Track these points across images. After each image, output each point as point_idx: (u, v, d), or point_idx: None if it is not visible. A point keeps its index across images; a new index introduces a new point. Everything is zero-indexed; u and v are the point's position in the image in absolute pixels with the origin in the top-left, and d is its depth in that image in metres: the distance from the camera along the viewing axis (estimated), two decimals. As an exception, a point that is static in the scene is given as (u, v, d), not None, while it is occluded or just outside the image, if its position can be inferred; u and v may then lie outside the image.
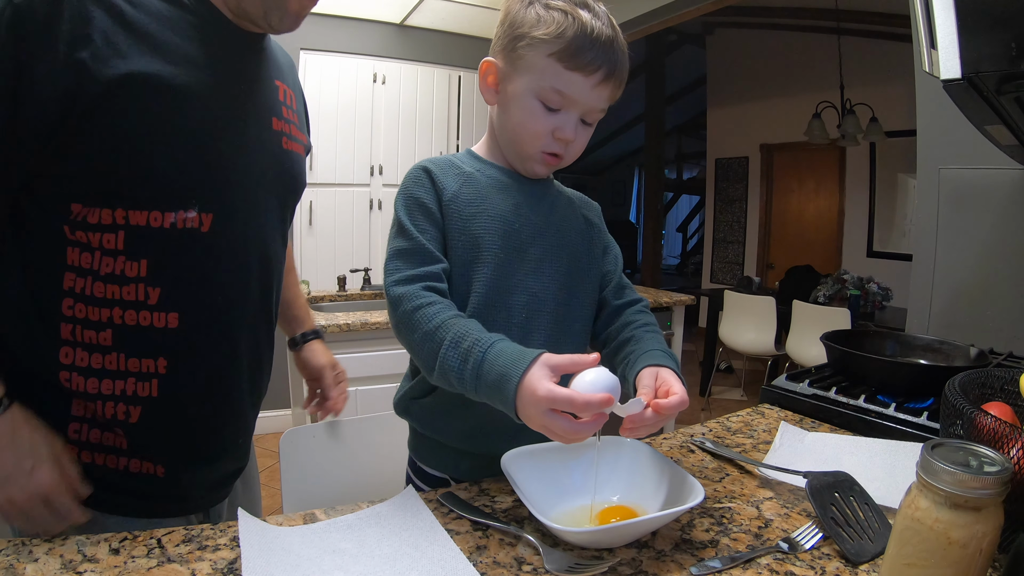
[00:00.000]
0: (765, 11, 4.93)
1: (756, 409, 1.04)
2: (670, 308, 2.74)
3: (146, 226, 0.64)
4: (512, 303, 0.74)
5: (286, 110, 0.79)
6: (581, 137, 0.75)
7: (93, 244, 0.64)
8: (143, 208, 0.64)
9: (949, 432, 0.62)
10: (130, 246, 0.65)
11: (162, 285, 0.67)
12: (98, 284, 0.65)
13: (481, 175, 0.77)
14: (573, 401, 0.56)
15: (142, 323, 0.67)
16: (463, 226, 0.73)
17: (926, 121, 1.44)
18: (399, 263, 0.71)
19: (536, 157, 0.75)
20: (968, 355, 1.05)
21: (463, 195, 0.74)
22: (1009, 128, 0.84)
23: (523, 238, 0.75)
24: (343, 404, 1.07)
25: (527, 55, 0.70)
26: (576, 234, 0.82)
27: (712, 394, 4.30)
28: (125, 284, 0.65)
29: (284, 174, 0.78)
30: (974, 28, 0.59)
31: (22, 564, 0.53)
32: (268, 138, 0.75)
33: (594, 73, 0.69)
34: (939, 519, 0.45)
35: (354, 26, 3.29)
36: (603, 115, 0.76)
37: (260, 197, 0.74)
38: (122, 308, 0.66)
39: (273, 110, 0.77)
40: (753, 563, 0.58)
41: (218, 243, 0.69)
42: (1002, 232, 1.31)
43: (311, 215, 3.28)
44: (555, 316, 0.77)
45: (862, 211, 4.92)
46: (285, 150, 0.78)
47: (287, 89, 0.81)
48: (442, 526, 0.62)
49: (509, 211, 0.75)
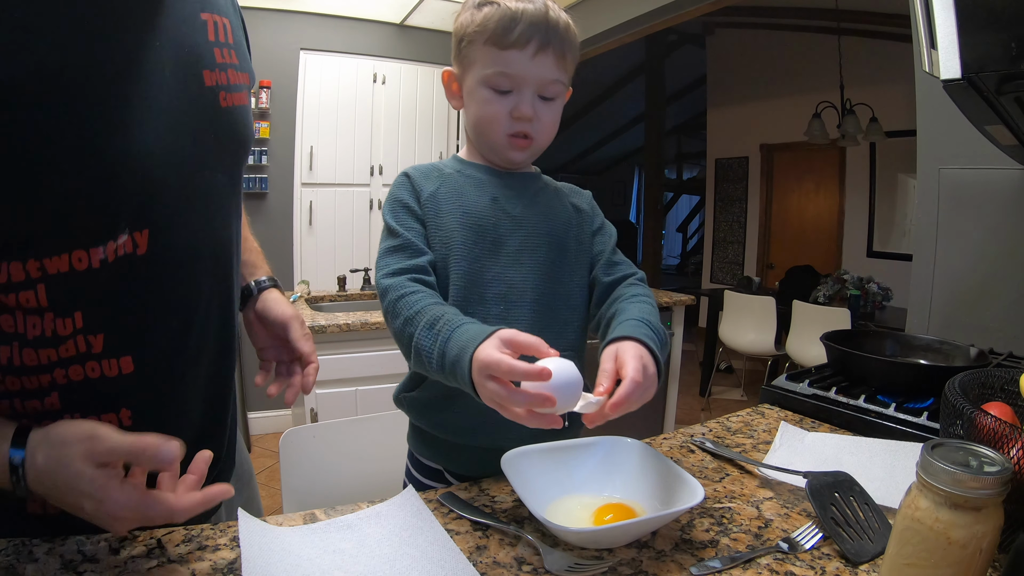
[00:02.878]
0: (765, 11, 4.93)
1: (756, 409, 1.04)
2: (670, 308, 2.74)
3: (69, 271, 0.52)
4: (488, 295, 0.75)
5: (220, 52, 0.63)
6: (545, 114, 0.76)
7: (9, 304, 0.52)
8: (59, 252, 0.51)
9: (949, 432, 0.62)
10: (55, 300, 0.52)
11: (104, 331, 0.56)
12: (27, 351, 0.54)
13: (460, 175, 0.80)
14: (511, 368, 0.55)
15: (90, 375, 0.56)
16: (439, 222, 0.76)
17: (926, 121, 1.44)
18: (388, 259, 0.75)
19: (504, 143, 0.77)
20: (968, 355, 1.05)
21: (440, 194, 0.78)
22: (1009, 128, 0.84)
23: (500, 231, 0.77)
24: (315, 377, 0.80)
25: (470, 52, 0.75)
26: (561, 223, 0.81)
27: (712, 394, 4.30)
28: (61, 343, 0.54)
29: (226, 138, 0.64)
30: (974, 28, 0.59)
31: (22, 564, 0.53)
32: (200, 103, 0.60)
33: (527, 45, 0.72)
34: (939, 519, 0.45)
35: (354, 26, 3.29)
36: (565, 89, 0.77)
37: (202, 182, 0.61)
38: (63, 367, 0.55)
39: (203, 60, 0.60)
40: (753, 563, 0.58)
41: (161, 260, 0.57)
42: (1002, 232, 1.31)
43: (311, 215, 3.29)
44: (536, 306, 0.77)
45: (862, 211, 4.92)
46: (224, 108, 0.63)
47: (218, 19, 0.63)
48: (442, 526, 0.62)
49: (485, 205, 0.77)
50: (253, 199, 3.20)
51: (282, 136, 3.23)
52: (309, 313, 2.21)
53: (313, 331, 2.01)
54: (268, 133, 3.19)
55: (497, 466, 0.70)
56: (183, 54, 0.58)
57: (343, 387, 2.13)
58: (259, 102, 3.15)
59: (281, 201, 3.27)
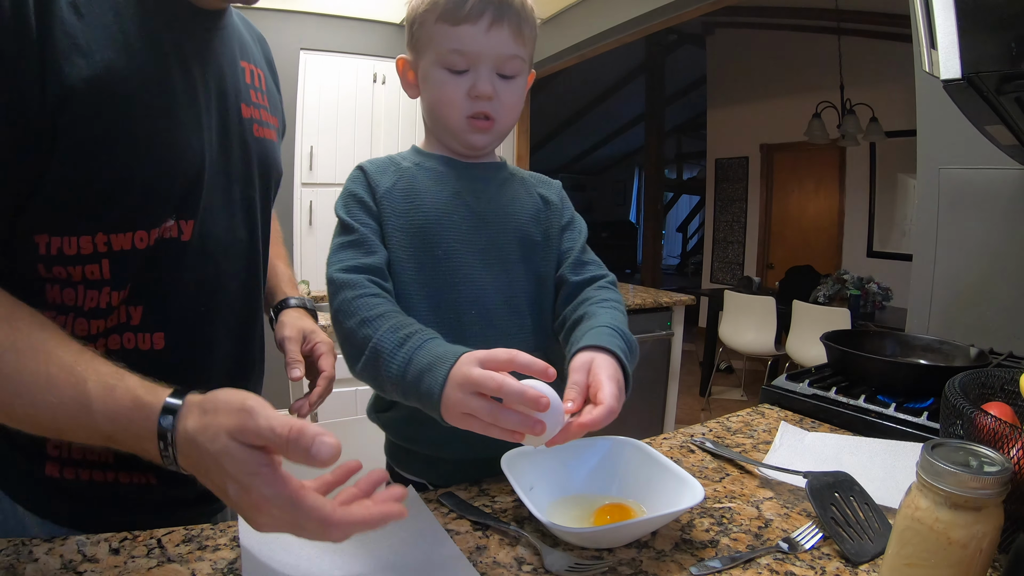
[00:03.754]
0: (765, 11, 4.93)
1: (756, 409, 1.04)
2: (670, 308, 2.74)
3: (131, 249, 0.58)
4: (453, 299, 0.72)
5: (255, 93, 0.74)
6: (506, 92, 0.72)
7: (75, 279, 0.57)
8: (124, 230, 0.57)
9: (949, 432, 0.62)
10: (116, 274, 0.58)
11: (143, 303, 0.61)
12: (80, 321, 0.59)
13: (419, 168, 0.76)
14: (503, 387, 0.52)
15: (126, 346, 0.61)
16: (398, 222, 0.72)
17: (926, 121, 1.44)
18: (342, 255, 0.71)
19: (463, 126, 0.73)
20: (968, 355, 1.05)
21: (398, 189, 0.74)
22: (1009, 128, 0.84)
23: (463, 228, 0.73)
24: (319, 394, 0.82)
25: (422, 34, 0.72)
26: (528, 216, 0.78)
27: (712, 394, 4.30)
28: (110, 314, 0.60)
29: (258, 163, 0.73)
30: (974, 28, 0.59)
31: (22, 564, 0.53)
32: (238, 129, 0.69)
33: (479, 18, 0.68)
34: (939, 519, 0.45)
35: (354, 26, 3.29)
36: (526, 67, 0.73)
37: (236, 192, 0.70)
38: (105, 336, 0.61)
39: (241, 96, 0.71)
40: (753, 563, 0.58)
41: (199, 250, 0.64)
42: (1002, 232, 1.31)
43: (311, 215, 3.28)
44: (506, 308, 0.74)
45: (862, 211, 4.93)
46: (257, 138, 0.73)
47: (254, 69, 0.75)
48: (442, 526, 0.62)
49: (446, 201, 0.74)
50: (253, 199, 3.21)
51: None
52: (309, 313, 2.20)
53: (313, 331, 2.01)
54: (268, 133, 3.20)
55: (477, 476, 0.70)
56: (225, 87, 0.68)
57: (343, 387, 2.11)
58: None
59: (281, 201, 3.24)
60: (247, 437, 0.43)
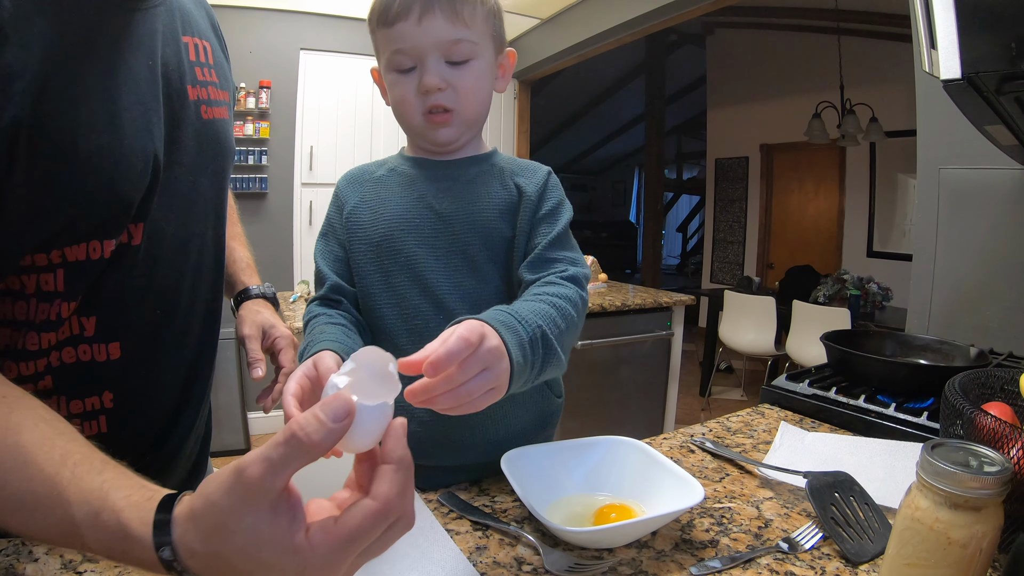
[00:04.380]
0: (765, 11, 4.93)
1: (756, 409, 1.04)
2: (670, 308, 2.74)
3: (86, 260, 0.56)
4: (418, 302, 0.72)
5: (201, 70, 0.69)
6: (459, 79, 0.70)
7: (28, 291, 0.54)
8: (78, 241, 0.54)
9: (949, 432, 0.62)
10: (69, 285, 0.56)
11: (96, 313, 0.59)
12: (31, 335, 0.56)
13: (392, 174, 0.77)
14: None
15: (81, 358, 0.59)
16: (362, 235, 0.75)
17: (926, 121, 1.44)
18: (312, 305, 0.76)
19: (422, 123, 0.72)
20: (968, 355, 1.05)
21: (365, 203, 0.76)
22: (1009, 128, 0.84)
23: (426, 232, 0.73)
24: (280, 390, 0.80)
25: (374, 42, 0.73)
26: (496, 211, 0.74)
27: (712, 394, 4.30)
28: (60, 325, 0.57)
29: (209, 148, 0.69)
30: (974, 28, 0.59)
31: (22, 564, 0.53)
32: (185, 114, 0.65)
33: (409, 13, 0.67)
34: (939, 519, 0.45)
35: (354, 26, 3.29)
36: (480, 47, 0.70)
37: (187, 184, 0.66)
38: (59, 349, 0.58)
39: (187, 77, 0.66)
40: (753, 563, 0.58)
41: (151, 252, 0.62)
42: (1002, 232, 1.31)
43: (311, 215, 3.29)
44: (469, 308, 0.71)
45: (862, 211, 4.92)
46: (206, 121, 0.69)
47: (199, 42, 0.69)
48: (442, 526, 0.62)
49: (408, 208, 0.74)
50: (253, 199, 3.20)
51: (282, 136, 3.23)
52: (309, 313, 2.20)
53: (313, 331, 2.01)
54: (268, 133, 3.19)
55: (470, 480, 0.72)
56: (168, 71, 0.63)
57: (343, 387, 2.12)
58: (259, 102, 3.15)
59: (281, 201, 3.27)
60: (262, 495, 0.35)
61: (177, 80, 0.64)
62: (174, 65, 0.64)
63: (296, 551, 0.35)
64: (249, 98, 3.12)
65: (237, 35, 3.11)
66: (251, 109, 3.14)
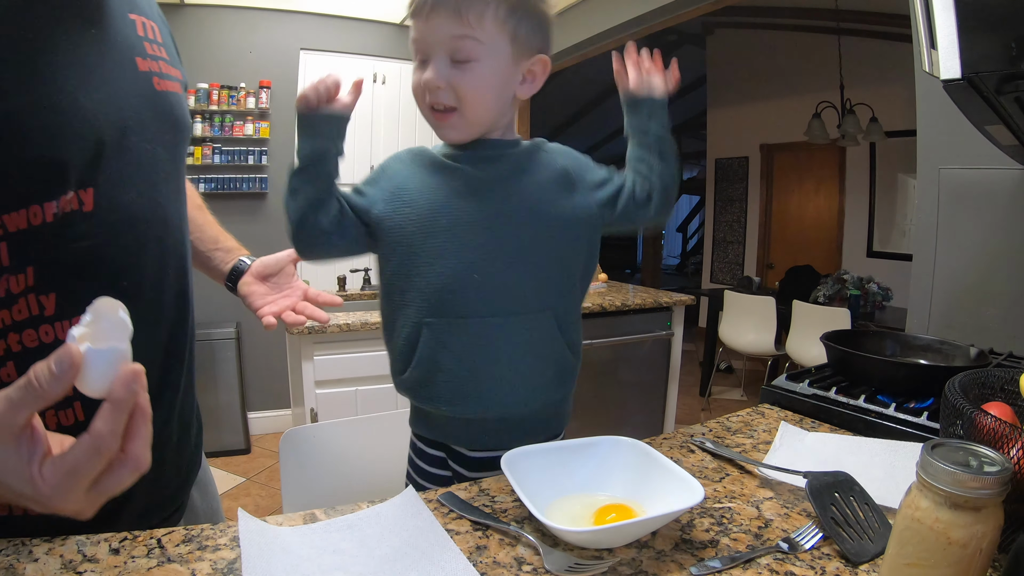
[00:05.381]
0: (765, 11, 4.93)
1: (756, 409, 1.04)
2: (670, 308, 2.74)
3: (27, 228, 0.53)
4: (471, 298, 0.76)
5: (150, 45, 0.68)
6: (461, 79, 0.72)
7: None
8: (17, 207, 0.52)
9: (949, 432, 0.62)
10: (14, 258, 0.53)
11: (55, 290, 0.56)
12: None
13: (434, 164, 0.80)
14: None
15: (44, 340, 0.56)
16: (401, 217, 0.78)
17: (926, 121, 1.44)
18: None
19: (430, 119, 0.77)
20: (968, 355, 1.05)
21: (416, 173, 0.80)
22: (1009, 128, 0.84)
23: (462, 225, 0.76)
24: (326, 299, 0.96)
25: None
26: (540, 192, 0.79)
27: (712, 394, 4.30)
28: (14, 303, 0.55)
29: (164, 118, 0.68)
30: (974, 28, 0.59)
31: (22, 564, 0.53)
32: (136, 81, 0.63)
33: (421, 9, 0.72)
34: (939, 519, 0.45)
35: (354, 26, 3.29)
36: (476, 46, 0.72)
37: (143, 151, 0.64)
38: (17, 331, 0.55)
39: (134, 49, 0.65)
40: (753, 563, 0.58)
41: (106, 220, 0.59)
42: (1002, 232, 1.31)
43: (311, 215, 3.28)
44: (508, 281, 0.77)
45: (862, 211, 4.92)
46: (159, 91, 0.67)
47: (146, 21, 0.69)
48: (442, 526, 0.62)
49: (445, 198, 0.77)
50: (253, 199, 3.20)
51: (282, 136, 3.23)
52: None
53: (313, 331, 2.01)
54: (268, 133, 3.19)
55: (496, 440, 0.77)
56: (118, 42, 0.62)
57: (343, 387, 2.13)
58: (259, 102, 3.15)
59: (281, 201, 3.27)
60: (3, 425, 0.42)
61: (126, 50, 0.64)
62: (122, 37, 0.63)
63: (32, 481, 0.43)
64: (249, 98, 3.12)
65: (237, 35, 3.11)
66: (251, 109, 3.14)
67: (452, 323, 0.77)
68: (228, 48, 3.10)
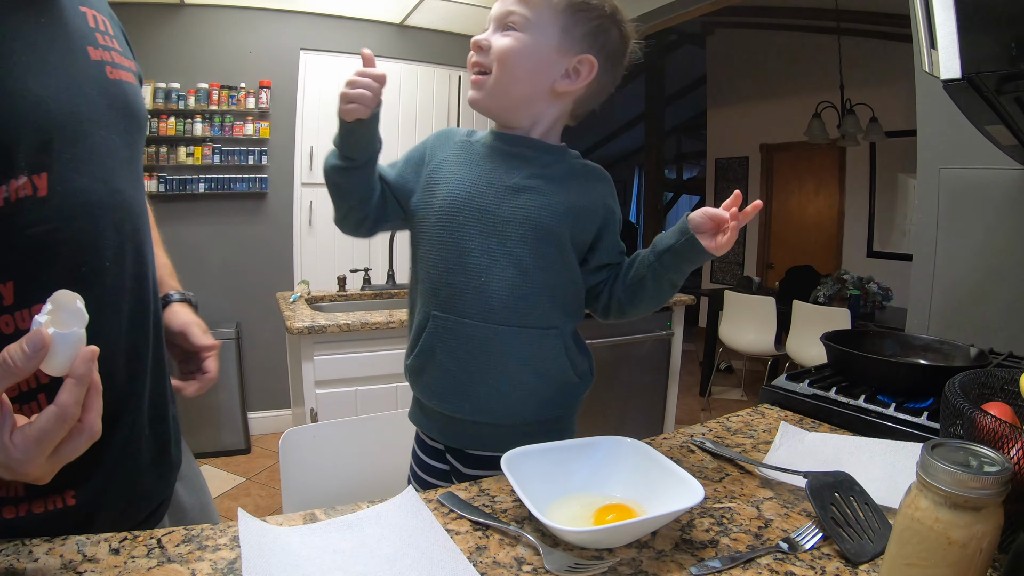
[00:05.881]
0: (765, 11, 4.93)
1: (756, 409, 1.04)
2: (670, 308, 2.74)
3: None
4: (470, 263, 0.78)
5: (101, 36, 0.68)
6: (499, 40, 0.77)
7: None
8: None
9: (949, 432, 0.62)
10: None
11: (13, 278, 0.56)
12: None
13: (478, 143, 0.84)
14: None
15: (4, 330, 0.56)
16: (436, 188, 0.81)
17: (926, 121, 1.44)
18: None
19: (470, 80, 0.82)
20: (968, 355, 1.05)
21: (448, 160, 0.83)
22: (1009, 128, 0.84)
23: (486, 204, 0.79)
24: (215, 360, 0.88)
25: None
26: (565, 215, 0.81)
27: (712, 394, 4.30)
28: None
29: (119, 106, 0.67)
30: (974, 28, 0.59)
31: (22, 564, 0.53)
32: (88, 70, 0.63)
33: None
34: (939, 519, 0.45)
35: (354, 26, 3.29)
36: (522, 20, 0.76)
37: (99, 138, 0.63)
38: None
39: (86, 39, 0.65)
40: (753, 563, 0.58)
41: (61, 206, 0.58)
42: (1002, 232, 1.31)
43: (311, 215, 3.28)
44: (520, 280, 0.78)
45: (862, 211, 4.92)
46: (112, 80, 0.67)
47: (96, 15, 0.69)
48: (442, 526, 0.62)
49: (468, 196, 0.79)
50: (253, 199, 3.20)
51: (282, 136, 3.22)
52: (309, 313, 2.20)
53: (313, 331, 2.01)
54: (268, 133, 3.19)
55: (487, 443, 0.79)
56: (70, 32, 0.63)
57: (343, 387, 2.13)
58: (259, 102, 3.15)
59: (281, 201, 3.27)
60: None
61: (78, 39, 0.64)
62: (73, 27, 0.64)
63: (4, 447, 0.46)
64: (249, 98, 3.12)
65: (237, 35, 3.10)
66: (251, 109, 3.13)
67: (454, 321, 0.78)
68: (228, 48, 3.09)
